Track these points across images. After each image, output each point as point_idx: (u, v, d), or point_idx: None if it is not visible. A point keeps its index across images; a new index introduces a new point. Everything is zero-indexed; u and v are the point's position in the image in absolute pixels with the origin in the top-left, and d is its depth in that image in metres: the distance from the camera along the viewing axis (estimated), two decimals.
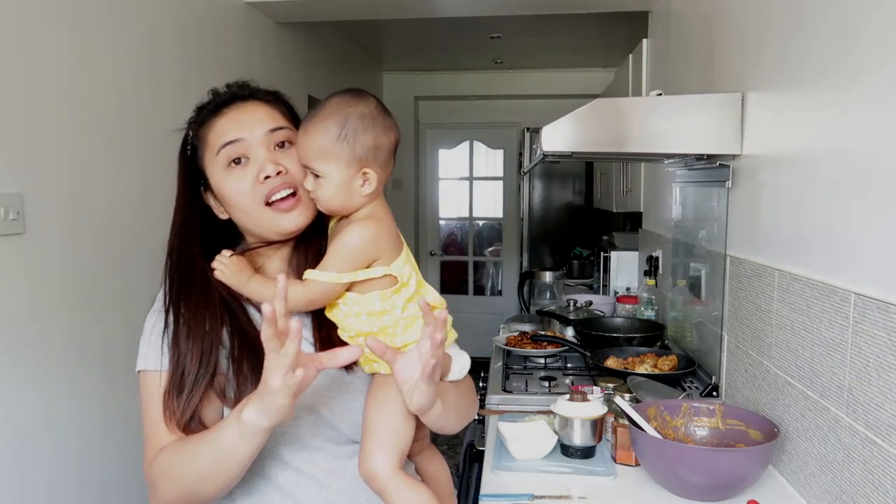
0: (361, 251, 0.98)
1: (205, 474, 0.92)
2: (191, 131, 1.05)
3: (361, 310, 1.00)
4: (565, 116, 1.65)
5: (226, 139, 1.00)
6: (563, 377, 2.08)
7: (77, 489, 1.85)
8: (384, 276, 1.00)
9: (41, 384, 1.72)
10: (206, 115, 1.04)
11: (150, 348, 0.99)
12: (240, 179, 1.00)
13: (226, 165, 1.00)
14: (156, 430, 0.96)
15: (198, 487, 0.93)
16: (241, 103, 1.04)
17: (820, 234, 1.27)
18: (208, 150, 1.02)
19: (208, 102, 1.05)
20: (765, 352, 1.52)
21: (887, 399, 1.04)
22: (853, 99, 1.16)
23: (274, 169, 0.99)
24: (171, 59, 2.31)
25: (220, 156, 1.00)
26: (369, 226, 1.00)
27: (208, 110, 1.04)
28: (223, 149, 1.00)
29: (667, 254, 2.55)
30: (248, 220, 1.02)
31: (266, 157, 1.00)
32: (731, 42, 1.79)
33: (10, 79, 1.61)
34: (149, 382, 0.98)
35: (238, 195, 1.00)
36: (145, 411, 0.99)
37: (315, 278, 0.97)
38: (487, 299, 6.14)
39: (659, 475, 1.34)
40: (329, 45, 4.13)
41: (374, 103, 1.01)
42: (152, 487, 0.96)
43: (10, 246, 1.62)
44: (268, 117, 1.03)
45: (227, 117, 1.02)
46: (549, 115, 1.83)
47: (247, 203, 1.00)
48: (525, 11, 3.26)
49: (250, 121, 1.02)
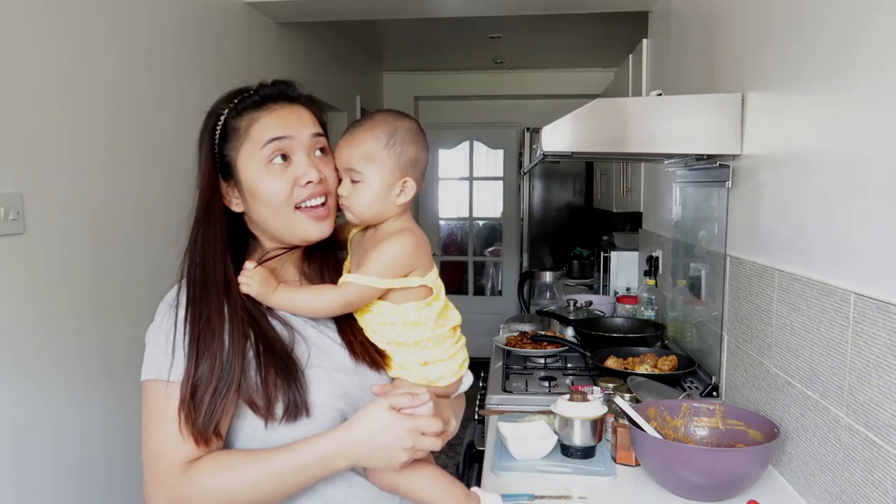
0: (403, 260, 1.03)
1: (259, 501, 0.92)
2: (225, 117, 1.00)
3: (397, 319, 1.04)
4: (565, 116, 1.65)
5: (275, 134, 0.99)
6: (563, 377, 2.08)
7: (78, 489, 1.85)
8: (420, 286, 1.04)
9: (42, 384, 1.71)
10: (250, 106, 1.00)
11: (162, 357, 0.93)
12: (279, 178, 0.99)
13: (269, 161, 0.99)
14: (172, 443, 0.90)
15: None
16: (288, 104, 1.03)
17: (820, 234, 1.27)
18: (249, 141, 0.99)
19: (253, 92, 1.02)
20: (765, 352, 1.52)
21: (887, 399, 1.04)
22: (853, 99, 1.16)
23: (317, 175, 1.00)
24: (171, 59, 2.31)
25: (266, 149, 0.98)
26: (411, 237, 1.04)
27: (253, 101, 1.01)
28: (271, 143, 0.98)
29: (667, 254, 2.55)
30: (275, 219, 1.01)
31: (309, 163, 1.00)
32: (731, 42, 1.79)
33: (10, 79, 1.61)
34: (158, 393, 0.92)
35: (274, 194, 0.99)
36: (153, 424, 0.92)
37: (357, 281, 1.01)
38: (487, 299, 6.14)
39: (659, 475, 1.34)
40: (329, 45, 4.13)
41: (417, 124, 1.09)
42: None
43: (10, 246, 1.62)
44: (311, 122, 1.04)
45: (275, 114, 1.00)
46: (549, 115, 1.83)
47: (281, 203, 0.99)
48: (525, 11, 3.26)
49: (298, 122, 1.02)
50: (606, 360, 1.99)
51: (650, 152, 1.76)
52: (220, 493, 0.91)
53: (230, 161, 1.00)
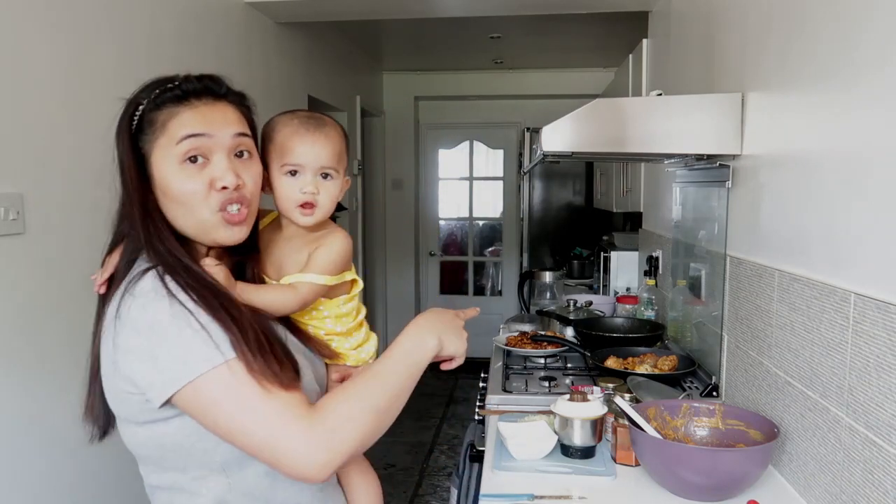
0: (344, 258, 1.10)
1: (388, 409, 0.93)
2: (143, 107, 0.95)
3: (331, 312, 1.13)
4: (565, 116, 1.65)
5: (192, 131, 0.93)
6: (563, 377, 2.08)
7: (78, 488, 1.85)
8: (351, 280, 1.14)
9: (41, 384, 1.72)
10: (170, 99, 0.95)
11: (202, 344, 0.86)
12: (193, 179, 0.93)
13: (182, 160, 0.93)
14: (274, 407, 0.85)
15: (378, 426, 0.92)
16: (212, 100, 0.98)
17: (820, 234, 1.27)
18: (164, 135, 0.94)
19: (176, 85, 0.96)
20: (765, 352, 1.52)
21: (887, 399, 1.04)
22: (853, 99, 1.16)
23: (234, 181, 0.95)
24: (171, 59, 2.31)
25: (180, 146, 0.93)
26: (345, 235, 1.12)
27: (174, 95, 0.95)
28: (186, 140, 0.93)
29: (667, 254, 2.55)
30: (189, 219, 0.96)
31: (227, 166, 0.95)
32: (731, 42, 1.79)
33: (10, 79, 1.61)
34: (224, 378, 0.85)
35: (188, 194, 0.94)
36: (239, 406, 0.85)
37: (313, 280, 1.05)
38: (487, 299, 6.14)
39: (659, 475, 1.34)
40: (329, 45, 4.13)
41: None
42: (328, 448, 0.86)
43: (10, 246, 1.62)
44: (236, 121, 0.99)
45: (196, 110, 0.95)
46: (549, 115, 1.83)
47: (196, 204, 0.94)
48: (525, 11, 3.26)
49: (221, 120, 0.96)
50: (606, 360, 1.99)
51: (650, 152, 1.76)
52: (350, 404, 0.90)
53: (144, 154, 0.96)
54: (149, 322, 0.87)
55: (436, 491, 3.54)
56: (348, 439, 0.88)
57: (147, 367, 0.86)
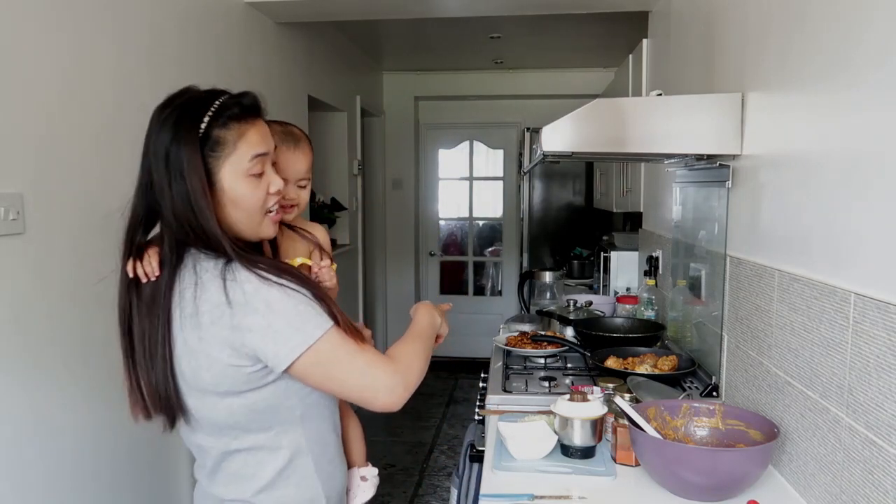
0: None
1: (428, 358, 1.21)
2: (205, 124, 1.06)
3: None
4: (565, 116, 1.65)
5: (260, 150, 1.11)
6: (563, 377, 2.08)
7: (79, 488, 1.85)
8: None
9: (41, 384, 1.72)
10: (233, 117, 1.08)
11: (315, 314, 1.06)
12: (258, 189, 1.11)
13: (250, 173, 1.10)
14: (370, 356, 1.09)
15: (425, 368, 1.19)
16: (259, 119, 1.13)
17: (820, 234, 1.27)
18: (235, 153, 1.08)
19: (237, 104, 1.10)
20: (765, 352, 1.52)
21: (887, 399, 1.04)
22: (853, 99, 1.16)
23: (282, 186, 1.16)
24: (171, 58, 2.31)
25: (251, 164, 1.09)
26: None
27: (234, 113, 1.09)
28: (256, 158, 1.10)
29: (667, 254, 2.55)
30: (246, 220, 1.12)
31: (275, 174, 1.15)
32: (731, 42, 1.79)
33: (10, 79, 1.61)
34: (336, 338, 1.07)
35: (255, 202, 1.11)
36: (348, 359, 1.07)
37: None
38: (487, 299, 6.14)
39: (659, 475, 1.34)
40: (329, 45, 4.13)
41: None
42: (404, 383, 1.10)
43: (10, 246, 1.62)
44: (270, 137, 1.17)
45: (256, 129, 1.11)
46: (549, 115, 1.83)
47: (255, 208, 1.12)
48: (525, 11, 3.26)
49: (269, 139, 1.15)
50: (606, 360, 1.99)
51: (650, 152, 1.76)
52: (408, 352, 1.17)
53: (211, 168, 1.07)
54: (264, 301, 1.03)
55: (436, 491, 3.54)
56: (415, 377, 1.14)
57: (269, 340, 1.03)
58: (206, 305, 1.04)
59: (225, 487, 1.16)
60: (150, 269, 1.10)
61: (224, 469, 1.15)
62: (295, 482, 1.16)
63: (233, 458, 1.14)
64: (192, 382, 1.08)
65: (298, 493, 1.16)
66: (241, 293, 1.03)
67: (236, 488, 1.15)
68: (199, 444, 1.17)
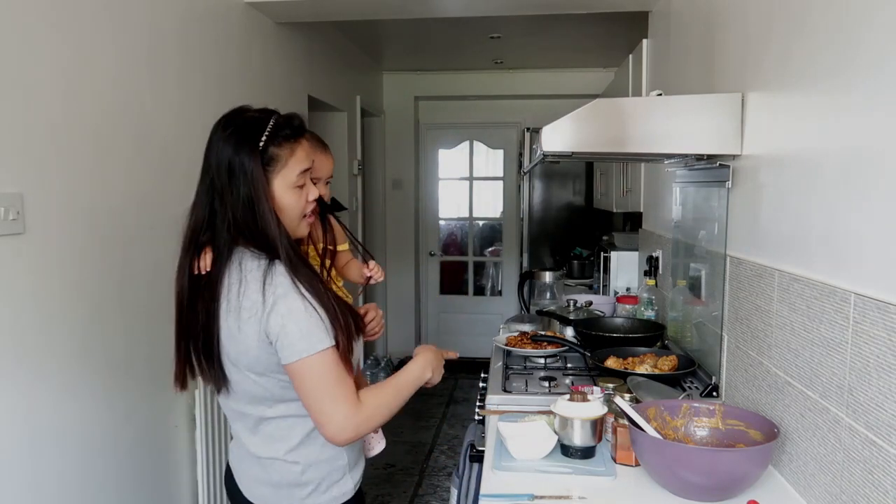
0: None
1: (395, 411, 1.34)
2: (264, 143, 1.26)
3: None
4: (565, 116, 1.66)
5: (306, 167, 1.31)
6: (563, 377, 2.08)
7: (80, 488, 1.85)
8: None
9: (41, 385, 1.71)
10: (286, 137, 1.28)
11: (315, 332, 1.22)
12: (300, 197, 1.32)
13: (296, 185, 1.30)
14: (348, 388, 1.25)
15: (387, 420, 1.33)
16: (303, 138, 1.33)
17: (820, 234, 1.27)
18: (285, 168, 1.28)
19: (288, 125, 1.29)
20: (765, 352, 1.52)
21: (887, 399, 1.04)
22: (853, 99, 1.16)
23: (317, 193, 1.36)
24: (172, 58, 2.31)
25: (298, 178, 1.30)
26: None
27: (286, 134, 1.29)
28: (304, 172, 1.31)
29: (667, 254, 2.55)
30: (286, 223, 1.30)
31: (314, 186, 1.36)
32: (731, 42, 1.79)
33: (10, 79, 1.61)
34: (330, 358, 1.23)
35: (297, 209, 1.32)
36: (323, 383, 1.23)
37: None
38: (487, 299, 6.14)
39: (659, 475, 1.34)
40: (329, 45, 4.13)
41: None
42: (356, 430, 1.26)
43: (10, 246, 1.62)
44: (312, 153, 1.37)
45: (303, 148, 1.31)
46: (549, 115, 1.83)
47: (297, 214, 1.33)
48: (525, 11, 3.26)
49: (311, 154, 1.34)
50: (606, 360, 1.99)
51: (650, 152, 1.76)
52: (378, 404, 1.30)
53: (267, 178, 1.28)
54: (287, 307, 1.22)
55: (436, 491, 3.54)
56: (370, 427, 1.29)
57: (282, 339, 1.22)
58: (247, 302, 1.24)
59: (261, 447, 1.35)
60: (204, 264, 1.30)
61: (260, 432, 1.35)
62: (321, 442, 1.33)
63: (267, 423, 1.33)
64: (234, 361, 1.28)
65: (323, 451, 1.35)
66: (272, 295, 1.22)
67: (270, 448, 1.34)
68: (239, 411, 1.35)
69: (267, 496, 1.36)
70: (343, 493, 1.39)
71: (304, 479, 1.35)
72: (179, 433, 2.35)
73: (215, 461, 2.44)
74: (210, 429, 2.39)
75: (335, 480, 1.38)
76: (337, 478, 1.38)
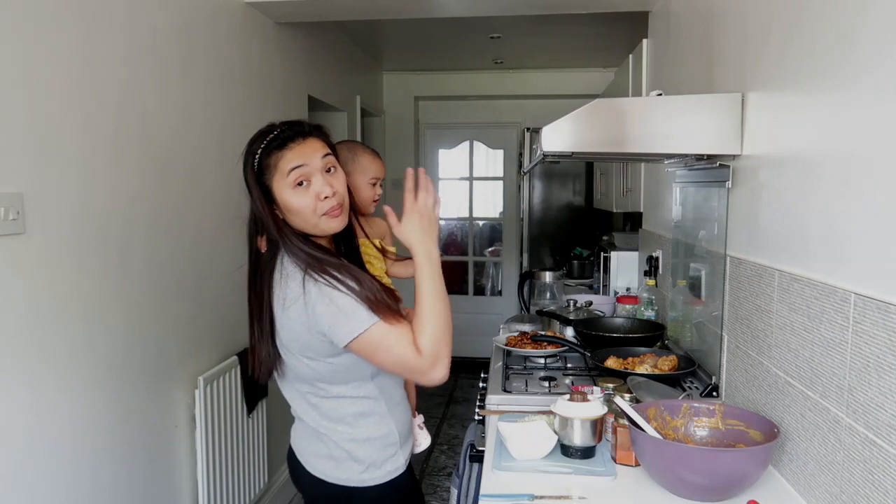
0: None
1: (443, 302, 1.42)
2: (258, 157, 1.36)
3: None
4: (565, 116, 1.66)
5: (295, 164, 1.34)
6: (563, 377, 2.09)
7: (80, 488, 1.85)
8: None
9: (41, 385, 1.71)
10: (275, 146, 1.35)
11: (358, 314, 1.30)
12: (304, 197, 1.36)
13: (294, 186, 1.35)
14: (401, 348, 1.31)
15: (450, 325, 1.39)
16: (301, 139, 1.37)
17: (820, 234, 1.27)
18: (277, 172, 1.35)
19: (276, 136, 1.36)
20: (765, 352, 1.52)
21: (887, 399, 1.04)
22: (853, 99, 1.16)
23: (330, 190, 1.36)
24: (172, 58, 2.31)
25: (290, 177, 1.34)
26: None
27: (277, 143, 1.35)
28: (293, 171, 1.34)
29: (667, 254, 2.55)
30: (304, 223, 1.38)
31: (323, 181, 1.36)
32: (731, 42, 1.79)
33: (11, 79, 1.61)
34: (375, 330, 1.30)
35: (303, 208, 1.36)
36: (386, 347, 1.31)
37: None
38: (487, 299, 6.14)
39: (659, 475, 1.35)
40: (329, 45, 4.13)
41: None
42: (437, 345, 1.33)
43: (10, 246, 1.62)
44: (321, 147, 1.39)
45: (293, 150, 1.35)
46: (549, 115, 1.83)
47: (308, 213, 1.36)
48: (525, 11, 3.26)
49: (310, 152, 1.36)
50: (606, 360, 1.99)
51: (650, 152, 1.76)
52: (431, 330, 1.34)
53: (269, 188, 1.37)
54: (328, 296, 1.31)
55: (436, 491, 3.53)
56: (443, 344, 1.35)
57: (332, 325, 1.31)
58: (290, 295, 1.34)
59: (321, 424, 1.45)
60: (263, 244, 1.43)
61: (318, 410, 1.45)
62: (373, 421, 1.44)
63: (322, 403, 1.44)
64: (287, 347, 1.39)
65: (377, 429, 1.45)
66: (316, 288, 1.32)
67: (329, 426, 1.44)
68: (297, 390, 1.46)
69: (328, 470, 1.46)
70: (396, 469, 1.48)
71: (360, 456, 1.44)
72: (179, 433, 2.35)
73: (215, 461, 2.44)
74: (210, 429, 2.39)
75: (389, 455, 1.47)
76: (391, 453, 1.47)
